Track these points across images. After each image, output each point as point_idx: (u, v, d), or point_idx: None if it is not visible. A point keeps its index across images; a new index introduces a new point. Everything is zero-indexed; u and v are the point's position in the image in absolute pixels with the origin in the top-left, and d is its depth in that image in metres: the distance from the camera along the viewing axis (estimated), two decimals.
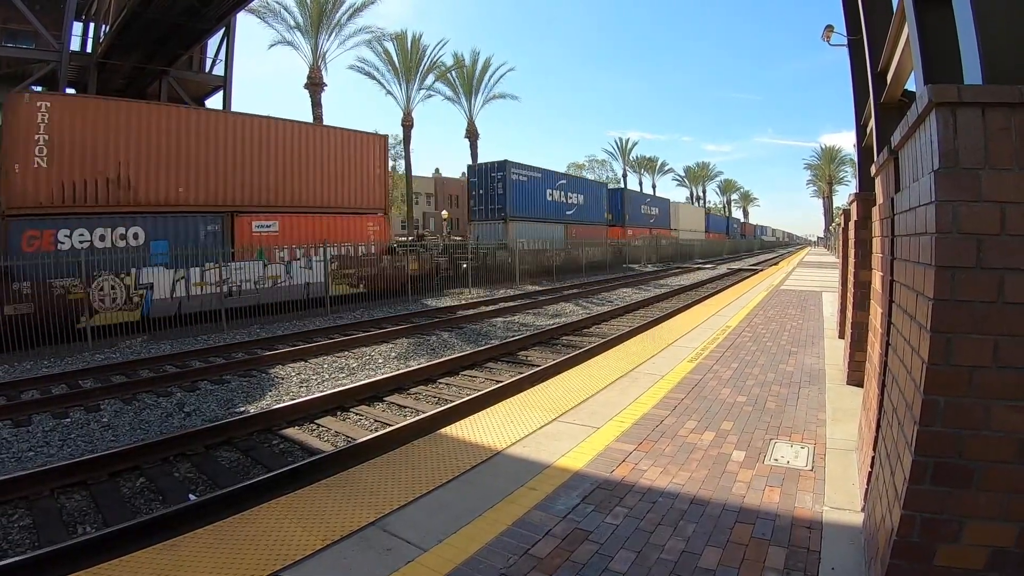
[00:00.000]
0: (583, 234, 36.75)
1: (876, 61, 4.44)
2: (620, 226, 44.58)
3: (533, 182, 32.67)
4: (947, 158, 1.82)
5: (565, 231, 34.97)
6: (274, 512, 3.39)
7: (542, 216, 33.17)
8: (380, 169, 21.54)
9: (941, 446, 1.89)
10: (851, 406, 5.19)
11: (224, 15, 20.28)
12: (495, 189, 30.74)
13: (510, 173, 30.63)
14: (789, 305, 13.23)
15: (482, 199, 31.37)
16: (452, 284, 23.67)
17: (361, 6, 32.56)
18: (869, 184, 5.41)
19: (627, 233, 45.07)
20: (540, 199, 33.21)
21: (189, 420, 7.68)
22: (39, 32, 20.74)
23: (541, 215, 33.11)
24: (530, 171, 32.51)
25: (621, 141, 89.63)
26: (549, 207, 34.19)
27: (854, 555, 2.81)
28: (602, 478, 3.81)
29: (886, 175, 3.22)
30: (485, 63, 42.95)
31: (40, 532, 4.76)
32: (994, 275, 1.79)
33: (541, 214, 33.12)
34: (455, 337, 13.35)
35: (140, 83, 24.80)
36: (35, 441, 6.87)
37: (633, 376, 6.48)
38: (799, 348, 8.06)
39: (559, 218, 35.13)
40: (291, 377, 9.77)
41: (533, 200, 32.41)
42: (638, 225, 48.60)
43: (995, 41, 1.95)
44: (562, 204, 35.66)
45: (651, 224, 51.83)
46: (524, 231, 30.34)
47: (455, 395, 8.36)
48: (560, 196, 35.43)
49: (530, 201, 32.09)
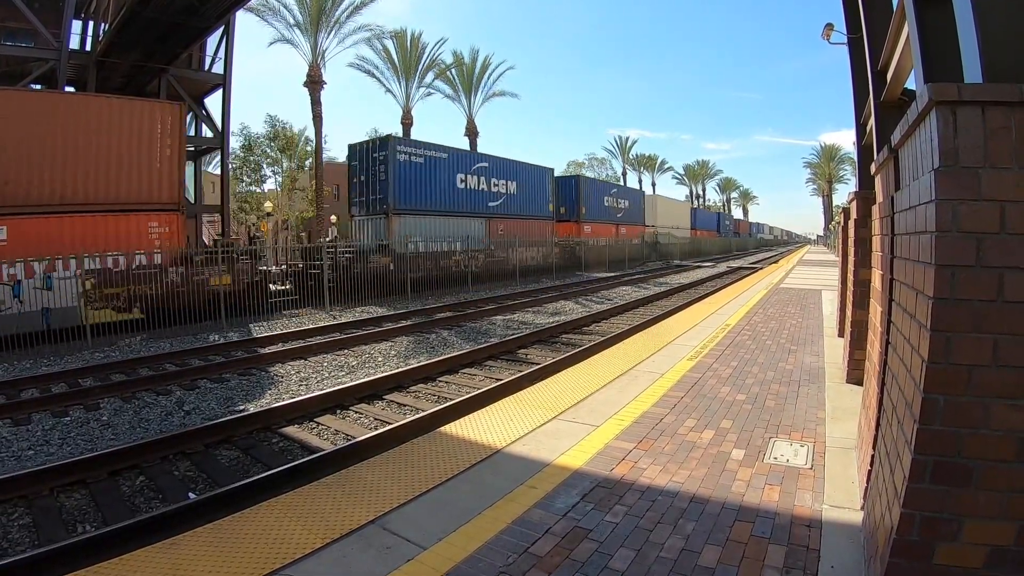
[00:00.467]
0: (517, 231, 29.72)
1: (876, 59, 4.44)
2: (574, 221, 37.47)
3: (432, 165, 25.10)
4: (947, 157, 1.82)
5: (487, 227, 28.22)
6: (274, 510, 3.39)
7: (448, 208, 25.83)
8: (171, 151, 16.15)
9: (940, 445, 1.89)
10: (851, 405, 5.19)
11: (223, 13, 20.22)
12: (377, 174, 23.53)
13: (396, 152, 23.20)
14: (788, 303, 13.23)
15: (363, 188, 24.20)
16: (308, 301, 18.06)
17: (361, 4, 32.47)
18: (869, 182, 5.41)
19: (583, 230, 37.98)
20: (444, 186, 25.64)
21: (189, 418, 7.68)
22: (38, 30, 20.71)
23: (446, 207, 25.71)
24: (427, 150, 24.99)
25: (620, 139, 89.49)
26: (461, 197, 26.80)
27: (854, 553, 2.82)
28: (602, 476, 3.81)
29: (886, 173, 3.22)
30: (484, 61, 42.90)
31: (40, 531, 4.76)
32: (994, 274, 1.79)
33: (446, 205, 25.75)
34: (455, 335, 13.36)
35: (139, 81, 24.75)
36: (35, 440, 6.87)
37: (633, 374, 6.48)
38: (799, 346, 8.06)
39: (478, 211, 27.84)
40: (291, 375, 9.78)
41: (432, 188, 24.95)
42: (600, 220, 40.88)
43: (995, 39, 1.95)
44: (482, 193, 28.10)
45: (619, 219, 43.89)
46: (419, 227, 23.91)
47: (455, 393, 8.36)
48: (478, 183, 27.94)
49: (427, 189, 24.71)
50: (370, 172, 23.73)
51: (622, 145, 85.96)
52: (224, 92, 25.93)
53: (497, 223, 29.07)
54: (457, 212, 26.49)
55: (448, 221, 25.78)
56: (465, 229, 26.46)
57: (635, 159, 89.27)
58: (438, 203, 25.37)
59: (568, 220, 37.16)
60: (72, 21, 22.33)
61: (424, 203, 24.58)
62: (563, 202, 36.82)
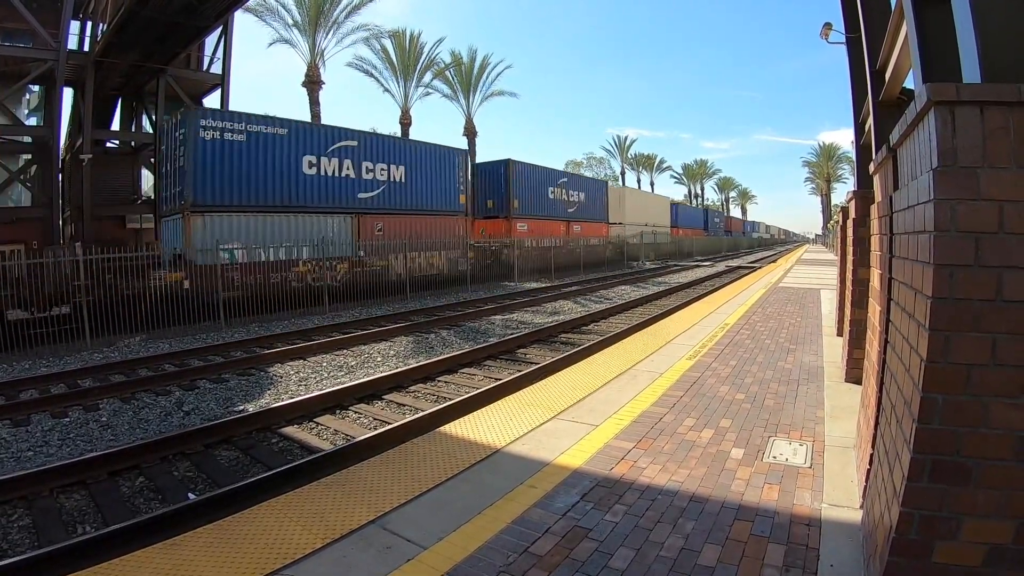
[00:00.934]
0: (406, 230, 22.57)
1: (874, 59, 4.44)
2: (503, 218, 30.59)
3: (261, 144, 18.25)
4: (946, 156, 1.83)
5: (356, 226, 20.94)
6: (274, 511, 3.39)
7: (289, 202, 19.04)
8: None
9: (939, 444, 1.89)
10: (850, 404, 5.20)
11: (222, 13, 20.21)
12: (176, 159, 17.75)
13: (197, 129, 16.98)
14: (787, 302, 13.24)
15: (167, 180, 18.75)
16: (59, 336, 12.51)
17: (359, 4, 32.45)
18: (867, 182, 5.42)
19: (516, 228, 30.73)
20: (282, 173, 18.76)
21: (188, 419, 7.68)
22: (36, 31, 20.70)
23: (286, 201, 18.94)
24: (254, 124, 18.27)
25: (619, 139, 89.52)
26: (311, 187, 19.69)
27: (853, 552, 2.82)
28: (601, 476, 3.81)
29: (884, 173, 3.22)
30: (483, 61, 42.83)
31: (40, 532, 4.76)
32: (992, 273, 1.79)
33: (286, 199, 18.95)
34: (454, 335, 13.36)
35: (138, 81, 24.77)
36: (34, 441, 6.87)
37: (632, 374, 6.48)
38: (797, 346, 8.06)
39: (340, 205, 20.61)
40: (290, 375, 9.78)
41: (261, 175, 18.19)
42: (543, 216, 33.47)
43: (994, 39, 1.95)
44: (347, 181, 20.87)
45: (570, 215, 36.73)
46: (240, 229, 17.62)
47: (454, 393, 8.36)
48: (340, 168, 20.67)
49: (253, 177, 18.04)
50: (172, 158, 18.04)
51: (620, 144, 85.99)
52: (222, 92, 25.95)
53: (372, 220, 21.57)
54: (305, 208, 19.40)
55: (291, 220, 18.94)
56: (320, 230, 19.60)
57: (633, 158, 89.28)
58: (272, 196, 18.46)
59: (494, 216, 30.81)
60: (70, 21, 22.35)
61: (247, 196, 17.79)
62: (490, 194, 30.92)
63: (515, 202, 31.02)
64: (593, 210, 40.15)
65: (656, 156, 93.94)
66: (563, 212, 36.18)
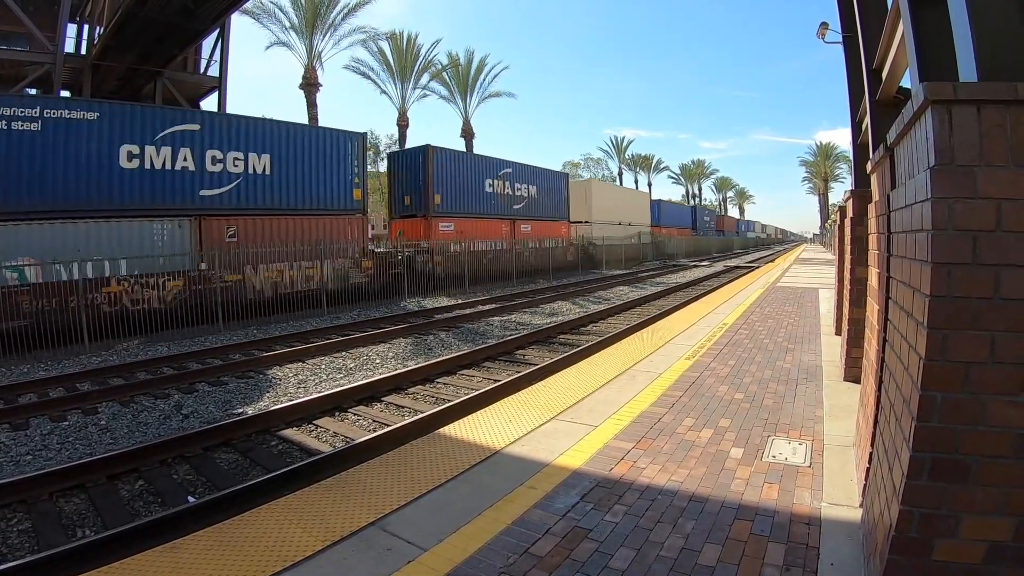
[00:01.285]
0: (265, 234, 17.79)
1: (871, 58, 4.44)
2: (422, 216, 25.09)
3: (59, 131, 14.11)
4: (943, 155, 1.83)
5: (194, 231, 16.44)
6: (274, 513, 3.39)
7: (96, 205, 14.76)
8: None
9: (938, 442, 1.90)
10: (848, 402, 5.21)
11: (219, 16, 20.24)
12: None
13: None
14: (785, 302, 13.26)
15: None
16: None
17: (355, 6, 32.48)
18: (865, 181, 5.43)
19: (438, 229, 25.01)
20: (88, 167, 14.54)
21: (187, 422, 7.67)
22: (33, 34, 20.69)
23: (92, 202, 14.68)
24: (52, 108, 14.20)
25: (616, 139, 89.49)
26: (133, 183, 15.40)
27: (853, 551, 2.83)
28: (601, 476, 3.81)
29: (882, 172, 3.23)
30: (480, 62, 42.84)
31: (39, 536, 4.75)
32: (990, 271, 1.79)
33: (93, 199, 14.72)
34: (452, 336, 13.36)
35: (135, 84, 24.75)
36: (33, 445, 6.85)
37: (631, 374, 6.48)
38: (796, 345, 8.07)
39: (170, 205, 16.09)
40: (289, 378, 9.77)
41: (57, 170, 14.07)
42: (477, 214, 27.48)
43: (990, 38, 1.96)
44: (186, 175, 16.43)
45: (515, 212, 30.53)
46: (17, 239, 13.26)
47: (453, 395, 8.36)
48: (173, 159, 16.16)
49: (46, 173, 13.96)
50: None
51: (618, 145, 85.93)
52: (220, 95, 25.96)
53: (221, 224, 17.04)
54: (124, 210, 15.12)
55: (101, 227, 14.62)
56: (143, 237, 15.39)
57: (631, 159, 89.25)
58: (77, 196, 14.36)
59: (410, 215, 25.54)
60: (67, 24, 22.32)
61: (43, 198, 13.77)
62: (409, 188, 25.82)
63: (436, 197, 25.20)
64: (549, 207, 33.82)
65: (654, 156, 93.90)
66: (505, 209, 29.92)
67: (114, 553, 3.87)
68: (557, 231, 34.44)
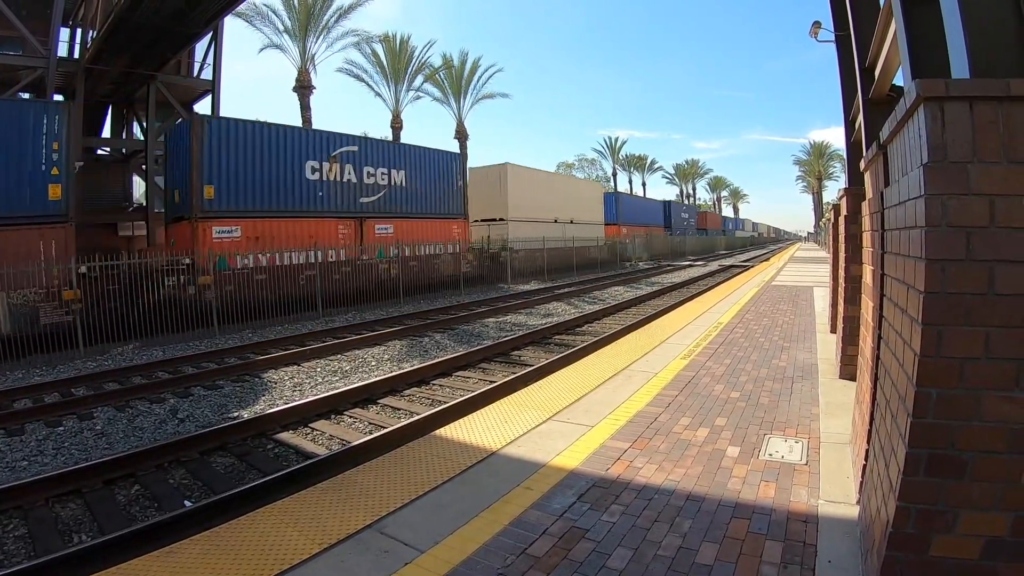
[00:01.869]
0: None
1: (864, 57, 4.47)
2: (191, 219, 17.10)
3: None
4: (936, 152, 1.84)
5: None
6: (270, 517, 3.38)
7: None
8: None
9: (934, 438, 1.90)
10: (844, 400, 5.21)
11: (212, 19, 20.15)
12: None
13: None
14: (781, 301, 13.28)
15: None
16: None
17: (349, 8, 32.37)
18: (858, 179, 5.42)
19: (209, 235, 17.01)
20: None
21: (183, 426, 7.64)
22: (26, 38, 20.60)
23: None
24: None
25: (610, 140, 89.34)
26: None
27: (850, 547, 2.83)
28: (598, 476, 3.81)
29: (875, 170, 3.24)
30: (474, 64, 42.71)
31: (36, 542, 4.73)
32: (984, 267, 1.80)
33: None
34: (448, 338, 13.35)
35: (128, 88, 24.66)
36: (28, 450, 6.82)
37: (627, 374, 6.49)
38: (791, 343, 8.09)
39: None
40: (284, 381, 9.75)
41: None
42: (289, 212, 19.41)
43: (982, 35, 1.97)
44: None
45: (367, 209, 22.00)
46: None
47: (449, 396, 8.35)
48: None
49: None
50: None
51: (612, 145, 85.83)
52: (213, 98, 25.87)
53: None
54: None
55: None
56: None
57: (625, 159, 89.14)
58: None
59: (183, 218, 17.86)
60: (60, 28, 22.21)
61: None
62: (173, 180, 19.39)
63: (208, 190, 17.19)
64: (431, 199, 24.94)
65: (648, 157, 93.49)
66: (345, 203, 21.10)
67: (111, 558, 3.86)
68: (444, 233, 25.27)
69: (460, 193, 27.07)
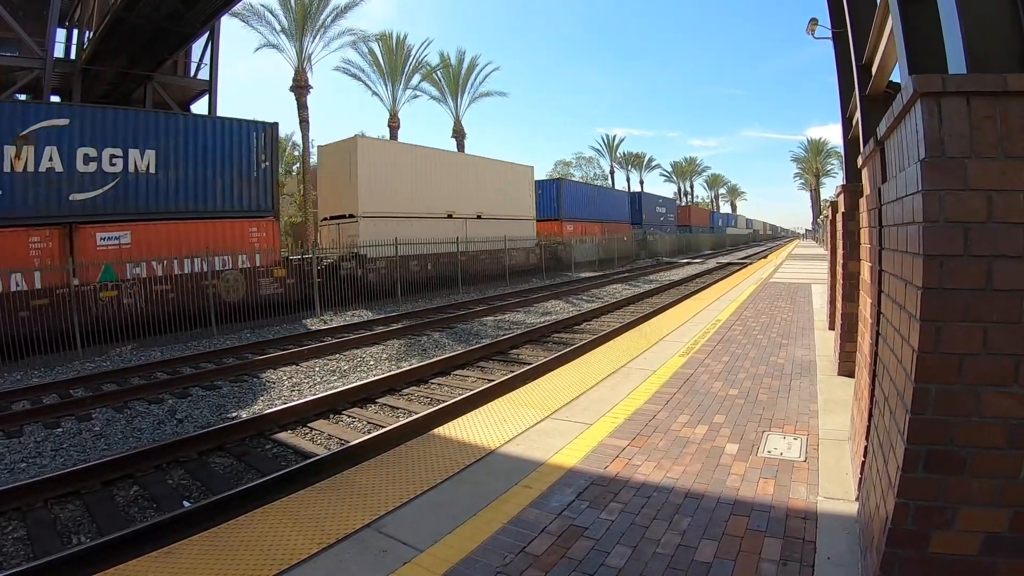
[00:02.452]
0: None
1: (860, 53, 4.45)
2: None
3: None
4: (933, 147, 1.83)
5: None
6: (269, 517, 3.37)
7: None
8: None
9: (933, 434, 1.90)
10: (843, 397, 5.21)
11: (208, 19, 20.11)
12: None
13: None
14: (779, 298, 13.28)
15: None
16: None
17: (345, 8, 32.37)
18: (856, 175, 5.43)
19: None
20: None
21: (181, 427, 7.64)
22: (22, 39, 20.55)
23: None
24: None
25: (607, 138, 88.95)
26: None
27: (849, 544, 2.83)
28: (596, 474, 3.81)
29: (873, 166, 3.23)
30: (471, 63, 42.70)
31: (35, 543, 4.73)
32: (982, 263, 1.80)
33: None
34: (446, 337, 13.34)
35: (125, 89, 24.59)
36: (27, 452, 6.81)
37: (625, 372, 6.48)
38: (790, 340, 8.09)
39: None
40: (282, 381, 9.74)
41: None
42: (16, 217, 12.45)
43: (978, 30, 1.96)
44: None
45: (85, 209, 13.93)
46: None
47: (447, 395, 8.35)
48: None
49: None
50: None
51: (609, 144, 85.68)
52: (210, 98, 25.78)
53: None
54: None
55: None
56: None
57: (623, 157, 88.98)
58: None
59: None
60: (56, 29, 22.14)
61: None
62: None
63: None
64: (203, 190, 16.59)
65: (645, 155, 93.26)
66: (45, 201, 13.46)
67: (110, 559, 3.84)
68: (233, 239, 16.83)
69: (265, 180, 18.06)
